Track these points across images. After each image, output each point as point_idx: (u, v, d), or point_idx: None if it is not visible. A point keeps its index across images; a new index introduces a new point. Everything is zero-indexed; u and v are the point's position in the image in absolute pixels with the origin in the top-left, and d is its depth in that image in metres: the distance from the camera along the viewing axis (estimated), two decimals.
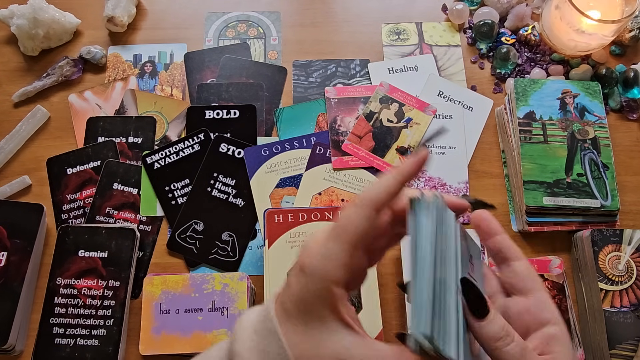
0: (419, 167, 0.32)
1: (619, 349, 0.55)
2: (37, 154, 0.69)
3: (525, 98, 0.67)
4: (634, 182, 0.67)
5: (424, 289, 0.29)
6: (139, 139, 0.69)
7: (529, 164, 0.64)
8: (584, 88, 0.67)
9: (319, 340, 0.30)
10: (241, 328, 0.32)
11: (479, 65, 0.75)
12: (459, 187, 0.67)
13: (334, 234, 0.30)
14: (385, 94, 0.71)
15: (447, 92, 0.72)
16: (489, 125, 0.71)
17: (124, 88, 0.73)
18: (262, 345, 0.31)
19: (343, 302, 0.30)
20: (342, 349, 0.30)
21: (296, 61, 0.75)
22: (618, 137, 0.69)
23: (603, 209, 0.62)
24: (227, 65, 0.74)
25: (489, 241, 0.36)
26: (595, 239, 0.58)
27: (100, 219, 0.65)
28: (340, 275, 0.30)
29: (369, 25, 0.77)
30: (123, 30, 0.75)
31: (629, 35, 0.73)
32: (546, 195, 0.62)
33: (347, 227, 0.30)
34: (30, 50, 0.73)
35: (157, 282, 0.59)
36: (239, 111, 0.70)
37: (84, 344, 0.57)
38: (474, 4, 0.78)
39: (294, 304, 0.31)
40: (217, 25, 0.77)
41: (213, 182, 0.66)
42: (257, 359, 0.31)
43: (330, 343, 0.30)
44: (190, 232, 0.64)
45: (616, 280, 0.57)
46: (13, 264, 0.60)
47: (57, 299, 0.59)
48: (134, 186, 0.66)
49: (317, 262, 0.30)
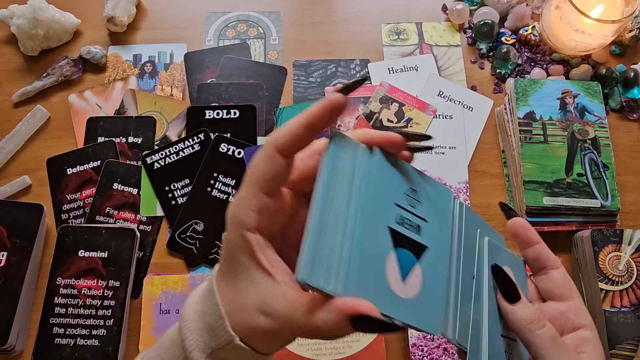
0: (327, 112, 0.29)
1: (619, 349, 0.55)
2: (37, 154, 0.69)
3: (525, 98, 0.67)
4: (634, 182, 0.67)
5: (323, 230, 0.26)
6: (139, 139, 0.69)
7: (529, 164, 0.64)
8: (584, 88, 0.67)
9: (244, 291, 0.29)
10: (191, 295, 0.33)
11: (479, 65, 0.75)
12: (459, 187, 0.67)
13: (244, 181, 0.30)
14: (385, 94, 0.71)
15: (447, 92, 0.72)
16: (489, 125, 0.71)
17: (124, 88, 0.73)
18: (202, 305, 0.31)
19: (261, 248, 0.29)
20: (262, 298, 0.28)
21: (296, 61, 0.75)
22: (618, 137, 0.69)
23: (603, 209, 0.62)
24: (227, 65, 0.74)
25: (528, 250, 0.36)
26: (595, 239, 0.58)
27: (100, 219, 0.65)
28: (251, 220, 0.29)
29: (369, 25, 0.77)
30: (123, 30, 0.75)
31: (629, 35, 0.73)
32: (546, 195, 0.62)
33: (253, 171, 0.29)
34: (30, 50, 0.73)
35: (157, 282, 0.59)
36: (239, 111, 0.70)
37: (84, 344, 0.57)
38: (474, 4, 0.78)
39: (223, 257, 0.31)
40: (217, 25, 0.77)
41: (213, 182, 0.66)
42: (197, 319, 0.31)
43: (253, 294, 0.29)
44: (190, 232, 0.64)
45: (616, 280, 0.57)
46: (13, 264, 0.60)
47: (57, 299, 0.59)
48: (134, 186, 0.66)
49: (231, 210, 0.30)
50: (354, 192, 0.28)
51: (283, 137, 0.29)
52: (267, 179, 0.29)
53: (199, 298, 0.32)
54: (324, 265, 0.26)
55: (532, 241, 0.36)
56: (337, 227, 0.27)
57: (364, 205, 0.28)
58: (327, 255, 0.26)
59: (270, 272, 0.29)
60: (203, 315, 0.30)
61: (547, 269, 0.36)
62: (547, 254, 0.36)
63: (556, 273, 0.36)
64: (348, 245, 0.26)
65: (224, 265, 0.31)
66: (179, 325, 0.31)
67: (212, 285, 0.31)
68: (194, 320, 0.31)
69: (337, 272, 0.26)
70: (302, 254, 0.25)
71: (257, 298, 0.29)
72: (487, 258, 0.34)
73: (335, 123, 0.29)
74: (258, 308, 0.28)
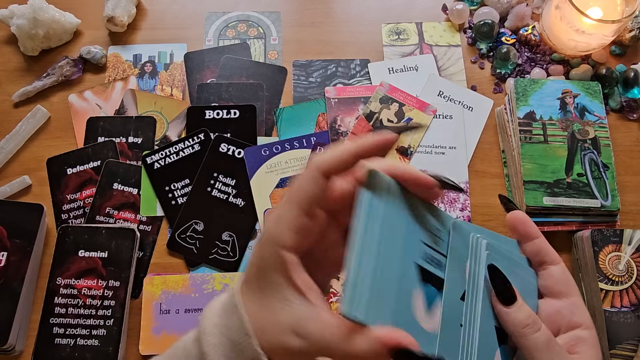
0: (378, 146, 0.30)
1: (619, 349, 0.55)
2: (37, 154, 0.69)
3: (526, 98, 0.67)
4: (634, 182, 0.67)
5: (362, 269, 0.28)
6: (139, 139, 0.69)
7: (529, 164, 0.63)
8: (584, 88, 0.67)
9: (274, 309, 0.29)
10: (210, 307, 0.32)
11: (479, 65, 0.75)
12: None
13: (286, 199, 0.30)
14: (386, 94, 0.71)
15: (447, 92, 0.72)
16: (489, 125, 0.71)
17: (124, 88, 0.73)
18: (225, 320, 0.31)
19: (296, 268, 0.29)
20: (296, 319, 0.28)
21: (296, 61, 0.75)
22: (618, 137, 0.69)
23: (603, 209, 0.62)
24: (227, 65, 0.74)
25: (527, 244, 0.36)
26: (595, 239, 0.58)
27: (100, 219, 0.65)
28: (289, 240, 0.29)
29: (369, 25, 0.77)
30: (123, 30, 0.75)
31: (629, 35, 0.73)
32: (546, 195, 0.62)
33: (296, 191, 0.30)
34: (30, 50, 0.73)
35: (157, 282, 0.59)
36: (239, 111, 0.70)
37: (84, 344, 0.57)
38: (474, 4, 0.78)
39: (252, 272, 0.31)
40: (217, 25, 0.77)
41: (213, 182, 0.66)
42: (219, 334, 0.30)
43: (285, 313, 0.29)
44: (190, 232, 0.64)
45: (616, 280, 0.57)
46: (13, 264, 0.60)
47: (57, 299, 0.59)
48: (134, 186, 0.66)
49: (269, 227, 0.30)
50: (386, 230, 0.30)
51: (330, 161, 0.29)
52: (310, 200, 0.29)
53: (220, 311, 0.31)
54: (364, 299, 0.27)
55: (531, 235, 0.35)
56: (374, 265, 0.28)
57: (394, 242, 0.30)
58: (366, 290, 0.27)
59: (305, 293, 0.29)
60: (226, 331, 0.30)
61: (546, 264, 0.35)
62: (546, 249, 0.35)
63: (555, 269, 0.35)
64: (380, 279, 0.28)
65: (253, 280, 0.30)
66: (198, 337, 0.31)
67: (235, 299, 0.30)
68: (215, 335, 0.30)
69: (376, 306, 0.27)
70: (345, 289, 0.27)
71: (291, 318, 0.29)
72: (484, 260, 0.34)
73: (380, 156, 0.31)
74: (291, 328, 0.28)
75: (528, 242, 0.35)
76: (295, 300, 0.29)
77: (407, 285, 0.30)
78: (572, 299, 0.34)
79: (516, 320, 0.32)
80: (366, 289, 0.27)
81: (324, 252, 0.33)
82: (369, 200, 0.29)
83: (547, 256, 0.35)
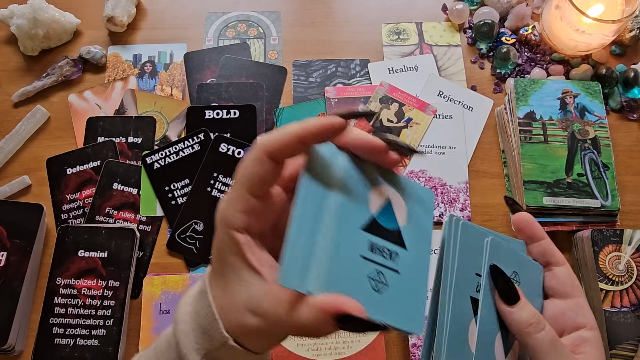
0: (323, 131, 0.28)
1: (619, 349, 0.55)
2: (37, 154, 0.69)
3: (526, 98, 0.67)
4: (634, 182, 0.67)
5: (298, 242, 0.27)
6: (139, 139, 0.69)
7: (529, 164, 0.63)
8: (584, 88, 0.67)
9: (234, 291, 0.29)
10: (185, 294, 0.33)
11: (479, 65, 0.75)
12: (459, 187, 0.67)
13: (234, 182, 0.30)
14: (386, 93, 0.71)
15: (447, 92, 0.72)
16: (489, 125, 0.71)
17: (123, 88, 0.73)
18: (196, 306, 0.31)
19: (249, 248, 0.29)
20: (251, 298, 0.29)
21: (296, 61, 0.75)
22: (618, 137, 0.69)
23: (603, 209, 0.62)
24: (227, 65, 0.74)
25: (532, 245, 0.36)
26: (595, 239, 0.58)
27: (100, 219, 0.64)
28: (239, 221, 0.29)
29: (369, 25, 0.77)
30: (123, 30, 0.75)
31: (629, 35, 0.73)
32: (546, 195, 0.62)
33: (243, 173, 0.29)
34: (30, 50, 0.73)
35: (157, 282, 0.59)
36: (239, 111, 0.70)
37: (83, 344, 0.57)
38: (474, 4, 0.77)
39: (214, 256, 0.31)
40: (217, 25, 0.77)
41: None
42: (190, 320, 0.31)
43: (242, 293, 0.29)
44: (190, 232, 0.64)
45: (616, 281, 0.57)
46: (13, 264, 0.60)
47: (57, 299, 0.59)
48: (134, 186, 0.66)
49: (219, 210, 0.30)
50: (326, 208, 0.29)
51: (274, 142, 0.28)
52: (255, 181, 0.29)
53: (192, 299, 0.32)
54: (299, 267, 0.26)
55: (537, 237, 0.36)
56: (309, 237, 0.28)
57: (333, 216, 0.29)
58: (303, 258, 0.27)
59: (260, 271, 0.29)
60: (196, 317, 0.30)
61: (552, 265, 0.35)
62: (552, 250, 0.36)
63: (560, 270, 0.35)
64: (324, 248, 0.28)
65: (216, 265, 0.31)
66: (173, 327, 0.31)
67: (205, 286, 0.31)
68: (187, 321, 0.31)
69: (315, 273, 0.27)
70: (281, 259, 0.26)
71: (247, 298, 0.29)
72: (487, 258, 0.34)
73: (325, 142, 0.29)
74: (247, 307, 0.28)
75: (534, 243, 0.36)
76: (251, 280, 0.29)
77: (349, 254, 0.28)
78: (576, 299, 0.34)
79: (520, 319, 0.32)
80: (300, 258, 0.27)
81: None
82: (306, 182, 0.29)
83: (552, 257, 0.35)
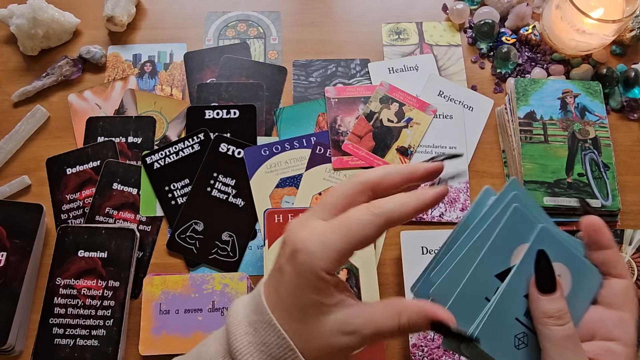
0: (437, 202, 0.32)
1: None
2: (37, 154, 0.69)
3: (526, 98, 0.67)
4: (634, 182, 0.67)
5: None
6: (139, 138, 0.69)
7: (529, 164, 0.63)
8: (584, 88, 0.67)
9: (317, 322, 0.31)
10: (234, 323, 0.33)
11: (480, 65, 0.75)
12: (459, 187, 0.67)
13: (338, 229, 0.31)
14: (386, 93, 0.71)
15: (447, 92, 0.72)
16: (490, 125, 0.71)
17: (123, 88, 0.73)
18: (260, 338, 0.32)
19: (334, 282, 0.32)
20: (341, 323, 0.31)
21: (296, 61, 0.74)
22: (619, 137, 0.69)
23: (604, 209, 0.61)
24: (227, 65, 0.74)
25: (596, 253, 0.35)
26: None
27: (99, 219, 0.64)
28: (332, 266, 0.31)
29: (369, 25, 0.77)
30: (123, 29, 0.75)
31: (629, 35, 0.73)
32: (547, 195, 0.62)
33: (355, 230, 0.31)
34: (29, 50, 0.73)
35: (157, 282, 0.59)
36: (239, 111, 0.70)
37: (83, 344, 0.57)
38: (475, 4, 0.77)
39: (288, 291, 0.32)
40: (217, 25, 0.77)
41: (213, 182, 0.66)
42: (258, 352, 0.31)
43: (329, 322, 0.31)
44: (190, 232, 0.64)
45: None
46: (12, 264, 0.59)
47: (57, 299, 0.59)
48: (134, 186, 0.66)
49: (313, 248, 0.30)
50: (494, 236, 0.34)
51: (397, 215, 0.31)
52: (365, 244, 0.31)
53: (249, 328, 0.32)
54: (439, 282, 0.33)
55: (604, 245, 0.34)
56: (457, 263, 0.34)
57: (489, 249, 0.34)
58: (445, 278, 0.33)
59: (342, 298, 0.32)
60: (265, 349, 0.31)
61: (611, 276, 0.34)
62: (615, 262, 0.34)
63: (617, 282, 0.34)
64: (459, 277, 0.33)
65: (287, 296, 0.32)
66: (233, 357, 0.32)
67: (268, 316, 0.32)
68: (253, 353, 0.31)
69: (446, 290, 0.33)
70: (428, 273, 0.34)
71: (336, 323, 0.31)
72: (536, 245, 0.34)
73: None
74: (339, 330, 0.31)
75: (598, 251, 0.34)
76: (334, 310, 0.31)
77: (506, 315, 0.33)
78: (622, 313, 0.33)
79: (544, 309, 0.32)
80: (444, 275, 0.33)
81: None
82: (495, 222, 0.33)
83: (614, 269, 0.34)
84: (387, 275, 0.62)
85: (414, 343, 0.57)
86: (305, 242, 0.30)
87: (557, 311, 0.31)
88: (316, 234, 0.31)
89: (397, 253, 0.63)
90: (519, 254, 0.34)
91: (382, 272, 0.62)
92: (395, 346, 0.59)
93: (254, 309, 0.33)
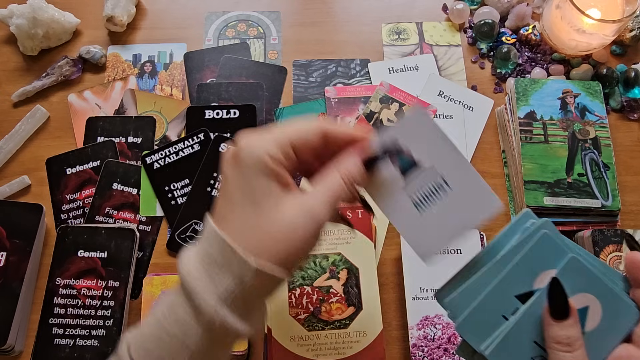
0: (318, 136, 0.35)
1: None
2: (37, 154, 0.69)
3: (526, 98, 0.67)
4: (634, 182, 0.67)
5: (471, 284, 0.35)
6: (139, 138, 0.69)
7: (529, 164, 0.63)
8: (584, 88, 0.67)
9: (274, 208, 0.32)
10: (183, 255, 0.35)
11: (480, 65, 0.75)
12: None
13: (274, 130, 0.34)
14: (386, 93, 0.71)
15: (447, 92, 0.72)
16: (490, 125, 0.71)
17: (123, 88, 0.73)
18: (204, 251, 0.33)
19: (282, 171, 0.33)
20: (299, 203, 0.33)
21: (296, 61, 0.74)
22: (619, 137, 0.69)
23: (604, 209, 0.61)
24: (227, 65, 0.74)
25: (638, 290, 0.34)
26: (596, 239, 0.58)
27: (99, 219, 0.64)
28: (275, 152, 0.33)
29: (369, 25, 0.77)
30: (122, 29, 0.75)
31: (629, 35, 0.73)
32: (547, 196, 0.62)
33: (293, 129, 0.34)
34: (29, 50, 0.73)
35: (156, 282, 0.59)
36: (238, 111, 0.70)
37: (83, 344, 0.57)
38: (475, 4, 0.77)
39: (236, 187, 0.33)
40: (216, 25, 0.77)
41: (213, 182, 0.66)
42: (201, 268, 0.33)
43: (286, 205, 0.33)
44: (190, 232, 0.64)
45: None
46: (12, 264, 0.59)
47: (57, 299, 0.59)
48: (134, 186, 0.66)
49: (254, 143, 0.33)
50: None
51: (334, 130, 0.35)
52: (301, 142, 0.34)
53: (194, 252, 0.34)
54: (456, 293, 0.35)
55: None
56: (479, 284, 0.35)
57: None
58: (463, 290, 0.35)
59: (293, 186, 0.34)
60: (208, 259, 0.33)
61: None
62: None
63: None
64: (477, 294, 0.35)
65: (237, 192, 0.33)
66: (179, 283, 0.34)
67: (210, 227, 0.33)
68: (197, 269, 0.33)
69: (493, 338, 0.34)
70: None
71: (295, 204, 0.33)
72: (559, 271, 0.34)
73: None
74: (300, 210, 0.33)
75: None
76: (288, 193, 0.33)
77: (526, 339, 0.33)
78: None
79: (554, 334, 0.32)
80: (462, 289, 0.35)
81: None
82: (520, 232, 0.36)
83: None
84: (387, 275, 0.62)
85: (414, 343, 0.57)
86: (245, 144, 0.33)
87: (566, 338, 0.32)
88: (254, 138, 0.33)
89: (397, 253, 0.63)
90: (544, 279, 0.34)
91: (382, 272, 0.62)
92: (395, 346, 0.59)
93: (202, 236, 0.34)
